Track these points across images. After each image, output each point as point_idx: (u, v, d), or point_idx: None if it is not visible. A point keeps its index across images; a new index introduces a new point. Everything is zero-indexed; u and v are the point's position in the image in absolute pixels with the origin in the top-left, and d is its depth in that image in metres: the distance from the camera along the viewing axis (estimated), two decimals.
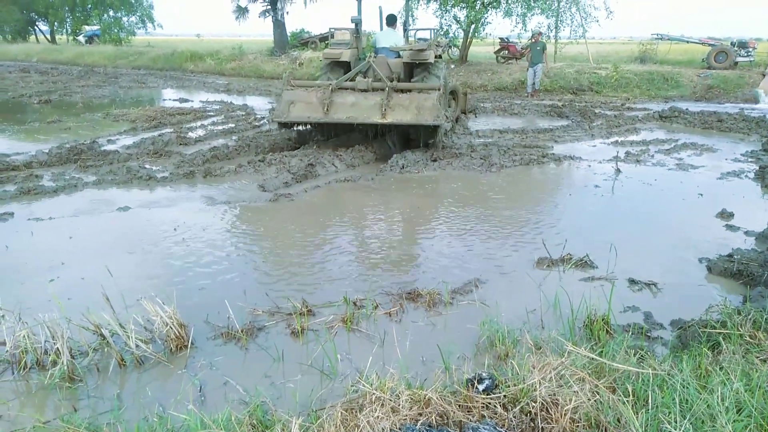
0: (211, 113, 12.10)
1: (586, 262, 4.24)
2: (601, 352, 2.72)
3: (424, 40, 8.93)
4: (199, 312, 3.46)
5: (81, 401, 2.69)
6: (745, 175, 6.99)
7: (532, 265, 4.28)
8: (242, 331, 3.23)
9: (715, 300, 3.54)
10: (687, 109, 12.34)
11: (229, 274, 4.12)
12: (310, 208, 5.68)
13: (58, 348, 2.83)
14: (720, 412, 2.11)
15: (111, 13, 37.82)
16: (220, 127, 10.23)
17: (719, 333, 2.89)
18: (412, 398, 2.35)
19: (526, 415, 2.27)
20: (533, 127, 10.46)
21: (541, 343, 2.99)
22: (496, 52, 21.25)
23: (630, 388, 2.32)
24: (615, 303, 3.40)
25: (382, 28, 9.31)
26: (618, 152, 8.05)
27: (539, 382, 2.34)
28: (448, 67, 10.15)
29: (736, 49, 18.64)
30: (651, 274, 4.05)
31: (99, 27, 37.58)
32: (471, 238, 4.86)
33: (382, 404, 2.30)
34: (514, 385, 2.40)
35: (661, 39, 22.04)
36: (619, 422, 2.18)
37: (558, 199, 6.20)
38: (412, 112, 7.37)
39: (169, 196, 6.03)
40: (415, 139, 8.15)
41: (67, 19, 40.55)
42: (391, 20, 9.08)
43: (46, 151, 7.82)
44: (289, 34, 26.39)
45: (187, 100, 14.67)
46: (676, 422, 2.09)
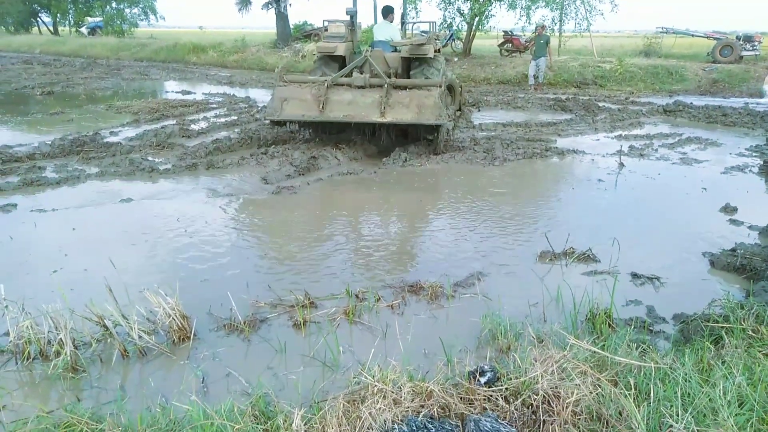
0: (214, 105, 12.09)
1: (588, 256, 4.24)
2: (603, 345, 2.72)
3: (426, 33, 8.76)
4: (202, 304, 3.48)
5: (84, 391, 2.71)
6: (750, 170, 6.96)
7: (535, 258, 4.28)
8: (245, 323, 3.24)
9: (718, 294, 3.53)
10: (691, 104, 12.26)
11: (231, 266, 4.13)
12: (313, 201, 5.68)
13: (61, 338, 2.84)
14: (722, 406, 2.11)
15: (114, 5, 37.78)
16: (223, 120, 10.22)
17: (722, 327, 2.89)
18: (414, 390, 2.35)
19: (528, 408, 2.28)
20: (537, 121, 10.42)
21: (543, 336, 3.00)
22: (499, 45, 21.12)
23: (632, 382, 2.32)
24: (617, 297, 3.40)
25: (376, 21, 8.91)
26: (622, 146, 8.02)
27: (541, 375, 2.34)
28: (448, 61, 10.04)
29: (742, 43, 18.51)
30: (654, 269, 4.04)
31: (102, 19, 37.55)
32: (473, 232, 4.85)
33: (384, 396, 2.30)
34: (516, 378, 2.41)
35: (666, 33, 21.87)
36: (621, 415, 2.19)
37: (561, 192, 6.18)
38: (413, 111, 7.02)
39: (172, 188, 6.04)
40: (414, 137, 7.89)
41: (70, 11, 40.47)
42: (387, 12, 8.66)
43: (49, 142, 7.83)
44: (291, 27, 26.30)
45: (189, 93, 14.64)
46: (677, 416, 2.09)
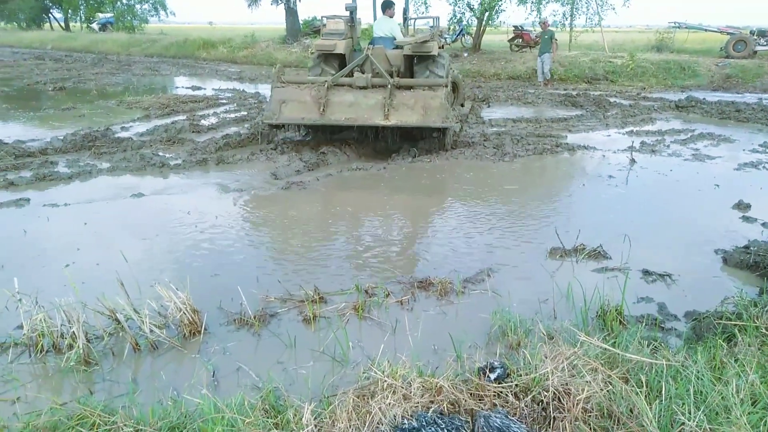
0: (224, 101, 12.12)
1: (599, 252, 4.21)
2: (614, 342, 2.70)
3: (433, 28, 8.56)
4: (213, 298, 3.50)
5: (96, 384, 2.73)
6: (763, 166, 6.88)
7: (545, 255, 4.26)
8: (255, 318, 3.25)
9: (731, 292, 3.50)
10: (704, 99, 12.14)
11: (241, 260, 4.15)
12: (322, 197, 5.69)
13: (74, 332, 2.87)
14: (735, 404, 2.10)
15: (124, 1, 37.99)
16: (233, 115, 10.25)
17: (735, 325, 2.86)
18: (423, 386, 2.35)
19: (538, 404, 2.27)
20: (547, 116, 10.36)
21: (553, 332, 2.98)
22: (509, 41, 21.01)
23: (643, 379, 2.30)
24: (629, 294, 3.38)
25: (375, 17, 8.52)
26: (633, 142, 7.95)
27: (551, 372, 2.34)
28: (457, 56, 9.80)
29: (756, 37, 18.30)
30: (666, 265, 4.01)
31: (112, 14, 37.80)
32: (483, 228, 4.83)
33: (394, 391, 2.31)
34: (526, 375, 2.40)
35: (679, 27, 21.67)
36: (632, 413, 2.17)
37: (571, 189, 6.14)
38: (418, 113, 6.72)
39: (183, 184, 6.07)
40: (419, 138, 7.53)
41: (81, 7, 40.78)
42: (386, 6, 8.26)
43: (61, 137, 7.90)
44: (301, 22, 26.30)
45: (199, 88, 14.70)
46: (690, 413, 2.07)
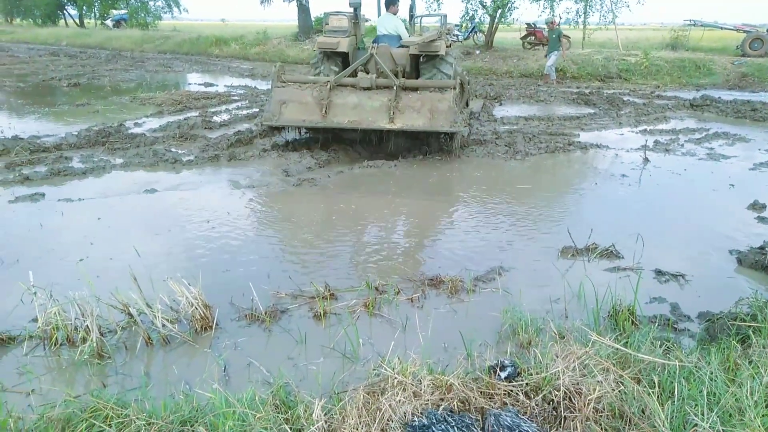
0: (236, 98, 12.17)
1: (611, 252, 4.18)
2: (626, 342, 2.69)
3: (445, 25, 8.34)
4: (224, 293, 3.52)
5: (109, 377, 2.76)
6: None
7: (557, 254, 4.23)
8: (266, 314, 3.27)
9: (745, 293, 3.47)
10: (719, 98, 12.00)
11: (253, 256, 4.17)
12: (333, 194, 5.69)
13: (87, 325, 2.90)
14: (749, 406, 2.07)
15: None
16: (245, 112, 10.28)
17: (749, 326, 2.83)
18: (433, 383, 2.35)
19: (549, 404, 2.27)
20: (559, 115, 10.29)
21: (564, 332, 2.96)
22: (522, 38, 20.90)
23: (656, 380, 2.29)
24: (641, 294, 3.36)
25: (379, 13, 8.21)
26: (646, 141, 7.88)
27: (562, 371, 2.33)
28: (469, 54, 9.61)
29: None
30: (679, 266, 3.97)
31: (126, 11, 38.05)
32: (494, 226, 4.82)
33: (404, 388, 2.31)
34: (537, 374, 2.40)
35: (694, 25, 21.39)
36: (644, 413, 2.16)
37: (584, 188, 6.10)
38: (425, 116, 6.43)
39: (195, 180, 6.11)
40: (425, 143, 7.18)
41: (96, 4, 41.04)
42: (390, 3, 7.88)
43: (75, 133, 7.98)
44: (313, 19, 26.30)
45: (211, 85, 14.76)
46: (703, 415, 2.06)
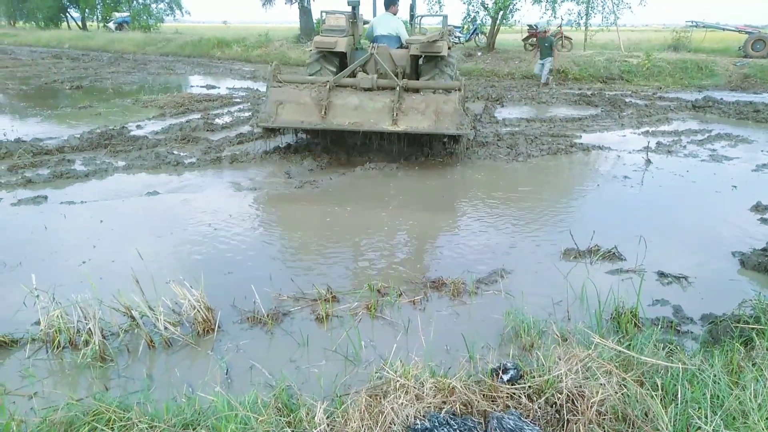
0: (238, 100, 12.19)
1: (614, 254, 4.17)
2: (629, 345, 2.68)
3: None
4: (226, 296, 3.52)
5: (112, 380, 2.76)
6: None
7: (559, 256, 4.23)
8: (268, 316, 3.27)
9: (749, 295, 3.45)
10: (722, 99, 11.98)
11: (255, 259, 4.17)
12: (335, 196, 5.69)
13: (90, 328, 2.90)
14: (752, 409, 2.07)
15: (140, 0, 38.33)
16: (247, 114, 10.29)
17: (752, 328, 2.82)
18: (436, 386, 2.35)
19: (552, 407, 2.26)
20: (561, 116, 10.28)
21: (567, 334, 2.96)
22: (524, 40, 20.89)
23: (659, 382, 2.28)
24: (644, 296, 3.34)
25: (375, 13, 8.05)
26: (649, 142, 7.87)
27: (565, 374, 2.32)
28: (471, 55, 9.58)
29: None
30: (681, 268, 3.96)
31: (128, 14, 38.15)
32: (496, 228, 4.81)
33: (407, 391, 2.30)
34: (540, 376, 2.39)
35: (696, 26, 21.37)
36: (647, 416, 2.15)
37: (586, 189, 6.09)
38: (430, 118, 6.22)
39: (197, 182, 6.11)
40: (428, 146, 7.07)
41: (98, 6, 41.16)
42: (390, 2, 7.70)
43: (78, 135, 7.99)
44: (315, 21, 26.34)
45: (214, 87, 14.78)
46: (706, 418, 2.05)
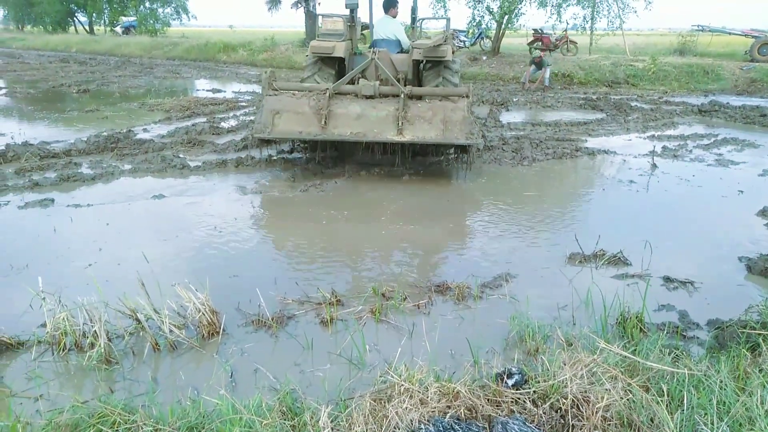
0: (243, 104, 12.23)
1: (619, 258, 4.16)
2: (635, 350, 2.67)
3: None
4: (231, 299, 3.52)
5: (117, 383, 2.77)
6: None
7: (564, 260, 4.22)
8: (272, 319, 3.27)
9: (755, 300, 3.43)
10: (728, 103, 11.94)
11: (260, 262, 4.18)
12: (340, 199, 5.70)
13: (95, 331, 2.91)
14: (759, 416, 2.05)
15: (147, 5, 38.55)
16: (252, 118, 10.32)
17: (759, 334, 2.80)
18: (440, 391, 2.35)
19: (557, 412, 2.25)
20: (566, 120, 10.27)
21: (572, 339, 2.95)
22: (529, 44, 20.90)
23: (664, 388, 2.27)
24: (649, 301, 3.33)
25: (371, 16, 7.90)
26: (654, 147, 7.85)
27: (570, 379, 2.31)
28: (476, 59, 9.54)
29: None
30: (688, 273, 3.95)
31: (135, 18, 38.40)
32: (502, 232, 4.81)
33: (411, 396, 2.30)
34: (544, 381, 2.38)
35: (702, 30, 21.35)
36: (653, 422, 2.14)
37: (591, 194, 6.08)
38: (437, 127, 5.84)
39: (202, 185, 6.13)
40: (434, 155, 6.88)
41: (105, 11, 41.46)
42: (389, 5, 7.45)
43: (85, 139, 8.03)
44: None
45: (219, 91, 14.84)
46: (712, 424, 2.04)
